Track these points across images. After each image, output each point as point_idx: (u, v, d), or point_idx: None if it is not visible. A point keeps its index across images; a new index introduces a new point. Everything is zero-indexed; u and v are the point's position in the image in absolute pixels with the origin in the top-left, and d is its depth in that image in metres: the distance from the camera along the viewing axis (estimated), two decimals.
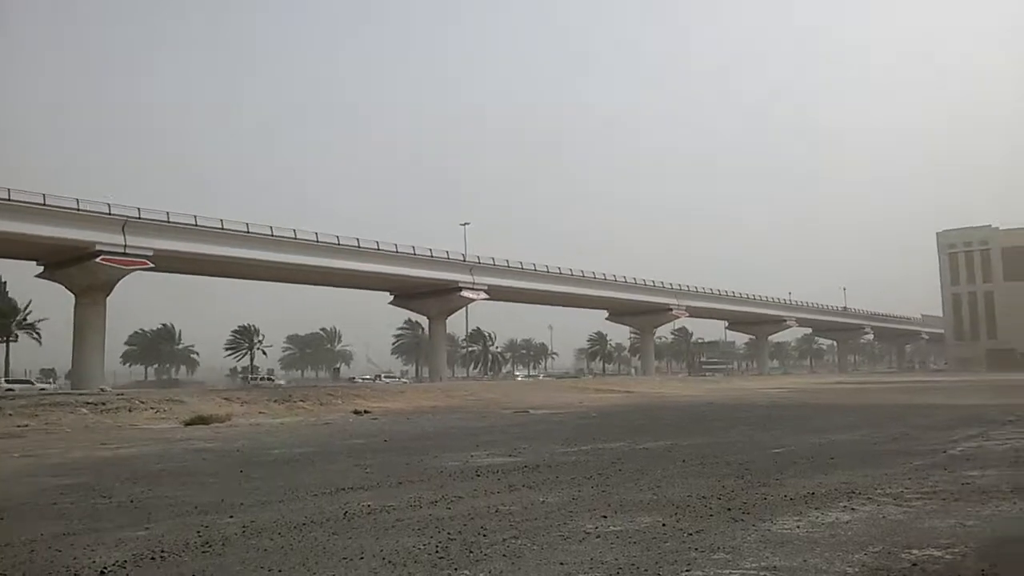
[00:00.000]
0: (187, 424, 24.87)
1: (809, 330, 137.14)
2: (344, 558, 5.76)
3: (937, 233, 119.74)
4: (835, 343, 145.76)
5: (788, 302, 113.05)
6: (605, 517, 7.21)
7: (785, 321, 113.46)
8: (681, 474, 10.16)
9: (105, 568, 5.58)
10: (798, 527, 6.69)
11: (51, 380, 70.58)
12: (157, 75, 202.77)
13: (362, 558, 5.76)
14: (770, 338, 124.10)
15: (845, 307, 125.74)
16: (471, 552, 5.90)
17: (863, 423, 19.37)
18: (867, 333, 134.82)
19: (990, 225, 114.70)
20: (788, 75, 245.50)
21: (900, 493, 8.34)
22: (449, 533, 6.61)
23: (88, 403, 28.28)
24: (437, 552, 5.91)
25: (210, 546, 6.27)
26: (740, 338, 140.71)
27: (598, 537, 6.38)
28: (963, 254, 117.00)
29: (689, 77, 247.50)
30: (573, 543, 6.20)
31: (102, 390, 38.61)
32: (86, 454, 14.65)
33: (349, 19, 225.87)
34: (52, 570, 5.62)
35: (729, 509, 7.51)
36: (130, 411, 27.73)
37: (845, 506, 7.65)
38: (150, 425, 24.48)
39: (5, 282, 66.68)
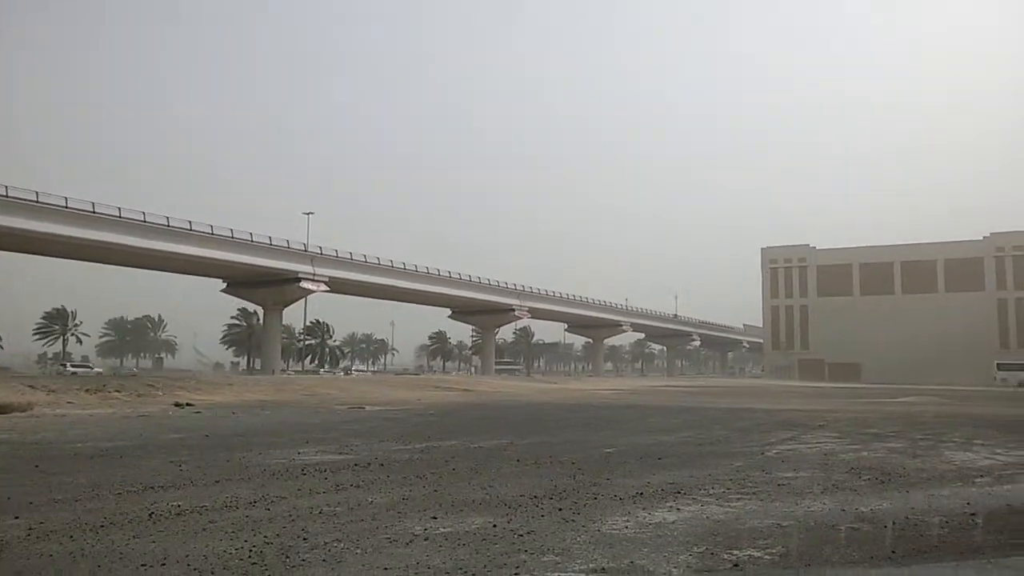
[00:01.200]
0: None
1: (643, 335, 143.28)
2: (143, 564, 5.18)
3: (762, 249, 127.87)
4: (665, 348, 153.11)
5: (625, 307, 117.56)
6: (435, 518, 6.95)
7: (621, 326, 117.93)
8: (515, 473, 10.07)
9: None
10: (626, 527, 6.70)
11: None
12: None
13: (164, 564, 5.20)
14: (606, 341, 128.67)
15: (676, 314, 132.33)
16: (288, 557, 5.47)
17: (689, 425, 20.19)
18: (695, 340, 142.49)
19: (808, 244, 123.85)
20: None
21: (722, 493, 8.60)
22: (266, 537, 6.13)
23: None
24: (251, 558, 5.43)
25: None
26: (579, 340, 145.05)
27: (426, 539, 6.11)
28: (783, 270, 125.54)
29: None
30: (400, 546, 5.90)
31: None
32: None
33: None
34: None
35: (560, 509, 7.45)
36: None
37: (671, 506, 7.77)
38: None
39: None
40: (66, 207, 49.75)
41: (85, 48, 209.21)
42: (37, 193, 48.65)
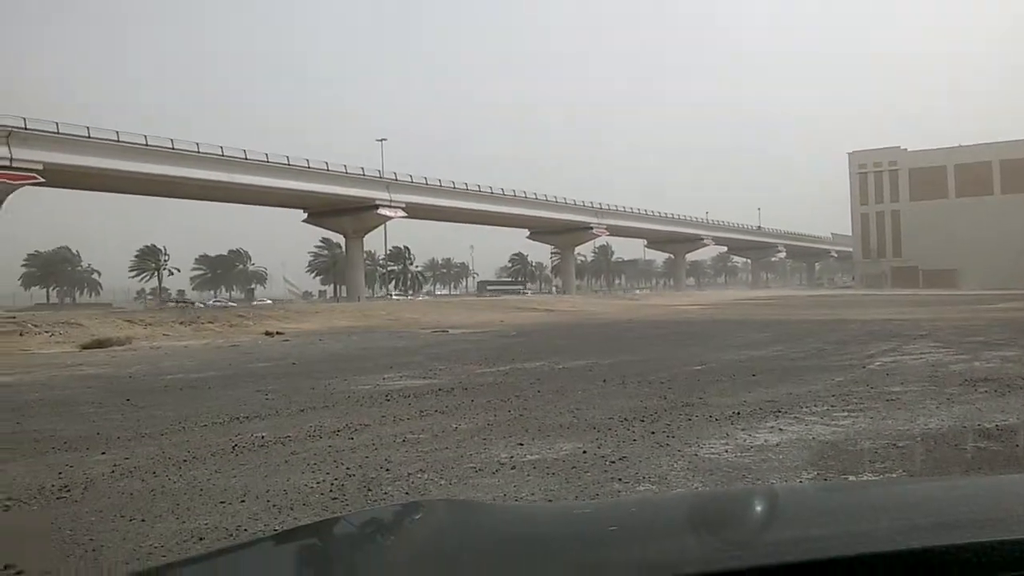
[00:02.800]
0: (83, 348, 23.41)
1: (725, 249, 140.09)
2: (222, 502, 5.02)
3: (848, 153, 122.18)
4: (749, 261, 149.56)
5: (705, 221, 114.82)
6: (521, 444, 6.64)
7: (702, 240, 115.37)
8: (602, 395, 9.71)
9: None
10: (726, 451, 6.26)
11: None
12: None
13: (243, 501, 5.03)
14: (687, 256, 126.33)
15: (759, 226, 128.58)
16: (369, 491, 5.24)
17: (780, 338, 19.46)
18: (780, 252, 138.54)
19: (899, 147, 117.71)
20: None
21: (826, 411, 8.05)
22: (348, 468, 5.93)
23: None
24: (331, 492, 5.22)
25: (68, 491, 5.43)
26: (659, 256, 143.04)
27: (513, 468, 5.80)
28: (872, 175, 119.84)
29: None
30: (485, 476, 5.61)
31: None
32: None
33: None
34: None
35: (653, 432, 7.05)
36: (21, 335, 26.01)
37: (773, 426, 7.28)
38: (43, 350, 22.95)
39: None
40: (146, 145, 50.84)
41: None
42: (118, 133, 49.80)
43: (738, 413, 7.99)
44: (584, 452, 6.26)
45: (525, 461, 6.04)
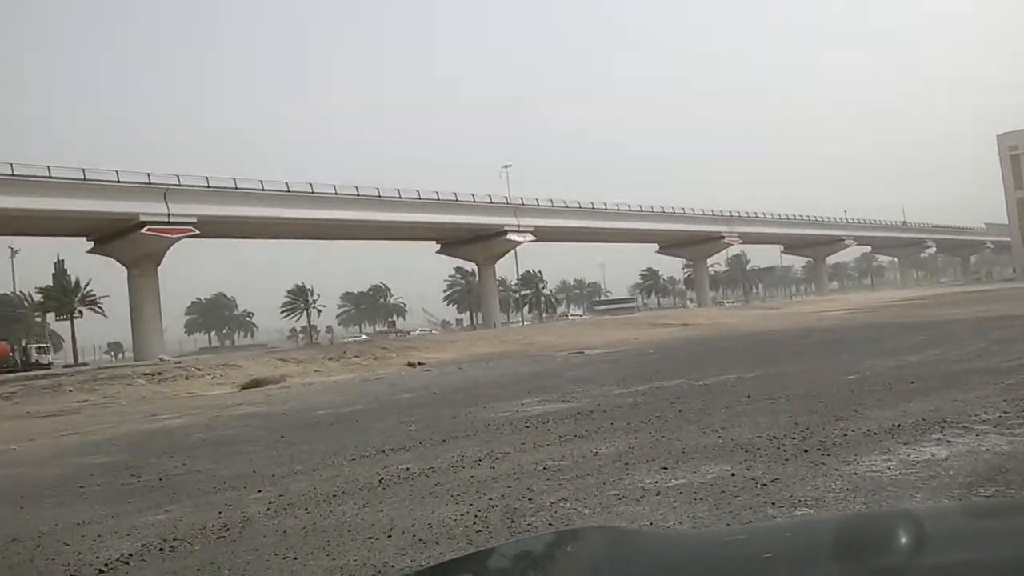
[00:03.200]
0: (242, 388, 24.84)
1: (868, 248, 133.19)
2: (370, 537, 5.11)
3: (997, 136, 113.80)
4: (896, 259, 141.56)
5: (845, 221, 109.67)
6: (665, 468, 6.44)
7: (843, 240, 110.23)
8: (748, 412, 9.31)
9: (107, 564, 5.04)
10: (889, 467, 5.83)
11: (119, 354, 72.24)
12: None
13: (390, 536, 5.10)
14: (828, 259, 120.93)
15: (904, 221, 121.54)
16: (512, 522, 5.20)
17: (937, 340, 18.18)
18: (929, 247, 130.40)
19: None
20: None
21: (1000, 419, 7.38)
22: (491, 499, 5.92)
23: (145, 374, 28.49)
24: (475, 524, 5.22)
25: (227, 530, 5.69)
26: (798, 261, 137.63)
27: (658, 494, 5.62)
28: None
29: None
30: (630, 503, 5.46)
31: (161, 360, 39.10)
32: (133, 428, 14.40)
33: None
34: (51, 570, 5.09)
35: (806, 451, 6.67)
36: (187, 379, 27.88)
37: (939, 438, 6.74)
38: (205, 392, 24.50)
39: (63, 260, 67.99)
40: (288, 191, 53.81)
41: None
42: (262, 182, 52.96)
43: (899, 425, 7.46)
44: (732, 475, 5.99)
45: (670, 486, 5.84)
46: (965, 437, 6.72)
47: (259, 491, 7.05)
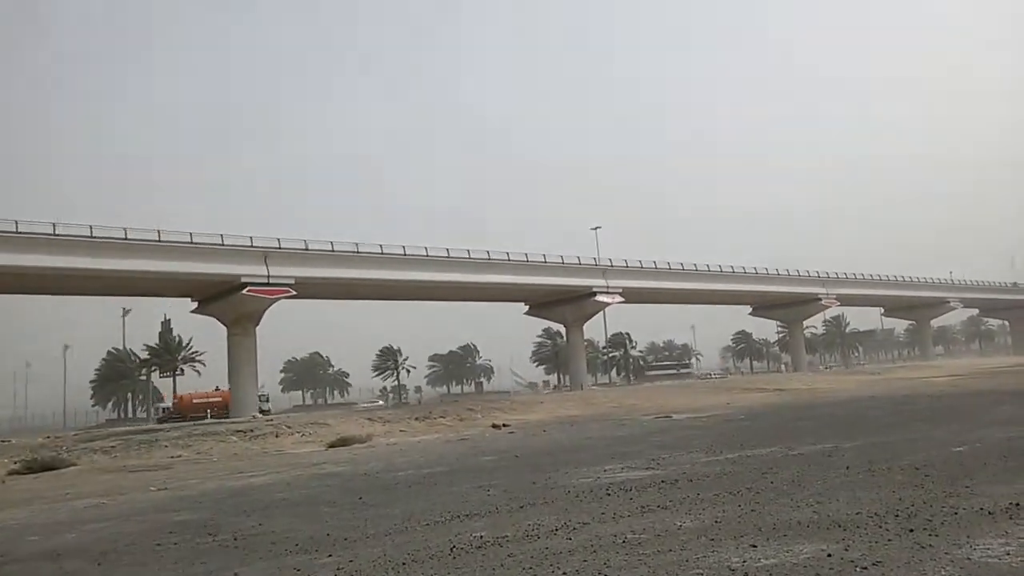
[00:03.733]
0: (329, 447, 25.09)
1: (975, 311, 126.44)
2: None
3: None
4: (1007, 323, 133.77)
5: (950, 282, 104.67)
6: (754, 547, 5.99)
7: (948, 303, 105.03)
8: (846, 485, 8.69)
9: None
10: (1008, 553, 5.25)
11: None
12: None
13: None
14: (932, 322, 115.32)
15: (1016, 283, 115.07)
16: None
17: None
18: None
19: None
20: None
21: None
22: (564, 573, 5.61)
23: (238, 431, 29.16)
24: None
25: None
26: (899, 324, 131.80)
27: (746, 575, 5.20)
28: None
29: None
30: None
31: (254, 417, 40.04)
32: (218, 484, 14.60)
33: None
34: None
35: (911, 530, 6.11)
36: (276, 436, 28.37)
37: None
38: (295, 449, 24.81)
39: (170, 319, 71.19)
40: (382, 253, 55.12)
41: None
42: (357, 245, 54.46)
43: (1017, 505, 6.78)
44: (829, 556, 5.51)
45: (760, 566, 5.40)
46: None
47: (329, 555, 6.91)
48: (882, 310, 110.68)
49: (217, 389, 59.90)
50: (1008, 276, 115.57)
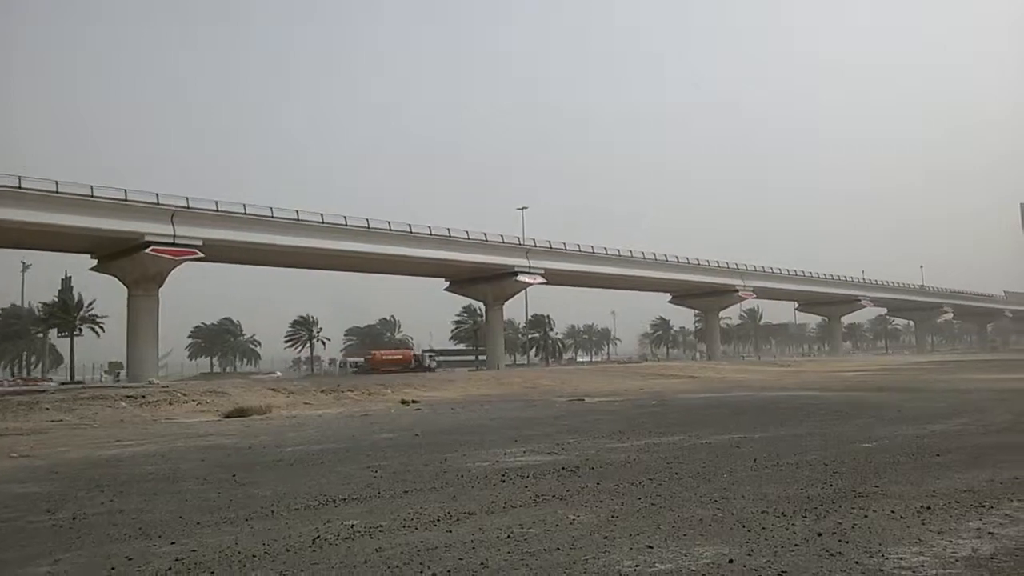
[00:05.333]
0: (225, 417, 23.84)
1: (884, 310, 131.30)
2: None
3: (1021, 204, 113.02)
4: (912, 323, 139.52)
5: (862, 281, 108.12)
6: (651, 547, 5.37)
7: (859, 300, 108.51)
8: (752, 479, 8.21)
9: None
10: (922, 564, 4.75)
11: (118, 375, 71.22)
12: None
13: None
14: (843, 319, 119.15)
15: (922, 285, 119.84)
16: None
17: (961, 408, 17.02)
18: (946, 312, 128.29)
19: None
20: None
21: None
22: (435, 572, 4.87)
23: (128, 396, 27.50)
24: None
25: None
26: (812, 319, 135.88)
27: None
28: None
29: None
30: None
31: (150, 382, 38.15)
32: (87, 454, 13.36)
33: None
34: None
35: (819, 533, 5.59)
36: (170, 404, 26.88)
37: (978, 528, 5.66)
38: (187, 419, 23.46)
39: (70, 277, 67.47)
40: (298, 220, 53.13)
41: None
42: (272, 209, 52.36)
43: (928, 508, 6.37)
44: (731, 562, 4.92)
45: (654, 572, 4.77)
46: (1010, 528, 5.65)
47: (173, 542, 6.00)
48: (796, 305, 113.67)
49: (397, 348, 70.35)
50: (916, 279, 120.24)
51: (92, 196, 43.86)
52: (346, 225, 56.02)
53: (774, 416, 17.20)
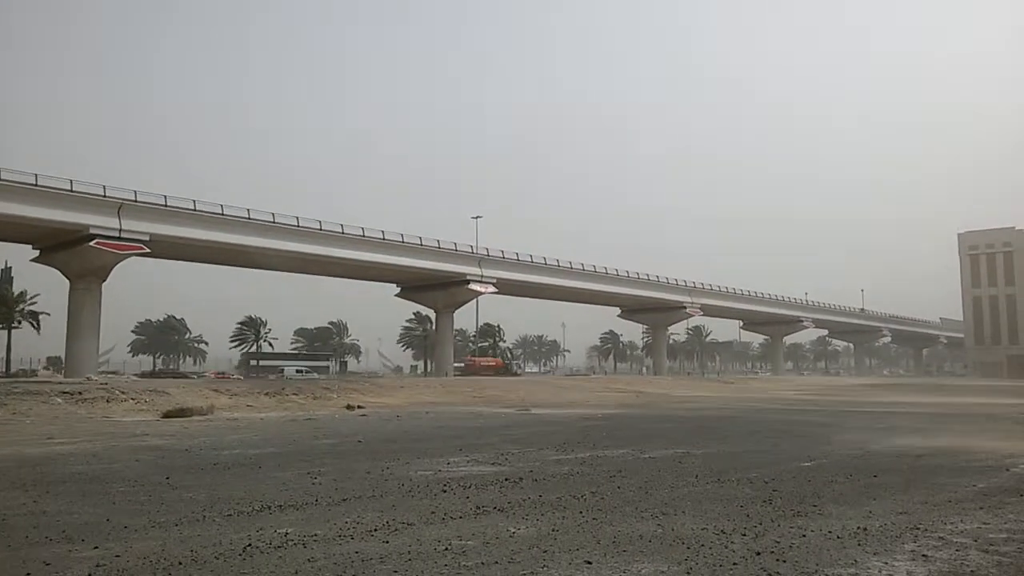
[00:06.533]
0: (164, 417, 23.23)
1: (825, 332, 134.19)
2: None
3: (959, 234, 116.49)
4: (851, 345, 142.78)
5: (804, 302, 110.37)
6: (589, 563, 5.31)
7: (801, 322, 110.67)
8: (693, 495, 8.23)
9: None
10: None
11: (58, 370, 69.00)
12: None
13: None
14: (785, 339, 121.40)
15: (863, 308, 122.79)
16: None
17: (897, 429, 17.37)
18: (884, 336, 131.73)
19: (1014, 227, 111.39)
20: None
21: (979, 531, 6.39)
22: None
23: (64, 392, 26.61)
24: None
25: None
26: (756, 338, 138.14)
27: None
28: (985, 256, 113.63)
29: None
30: None
31: (89, 379, 37.01)
32: (14, 451, 12.85)
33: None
34: None
35: (758, 553, 5.59)
36: (108, 402, 26.10)
37: (913, 551, 5.72)
38: (124, 417, 22.81)
39: (10, 267, 65.28)
40: (248, 218, 52.18)
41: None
42: (222, 206, 51.40)
43: (865, 529, 6.43)
44: None
45: None
46: (944, 551, 5.72)
47: (96, 547, 5.76)
48: (741, 323, 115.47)
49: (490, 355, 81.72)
50: (857, 303, 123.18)
51: (36, 185, 42.52)
52: (298, 226, 55.26)
53: (717, 432, 17.36)
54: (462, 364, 77.73)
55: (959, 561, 5.41)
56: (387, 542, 5.97)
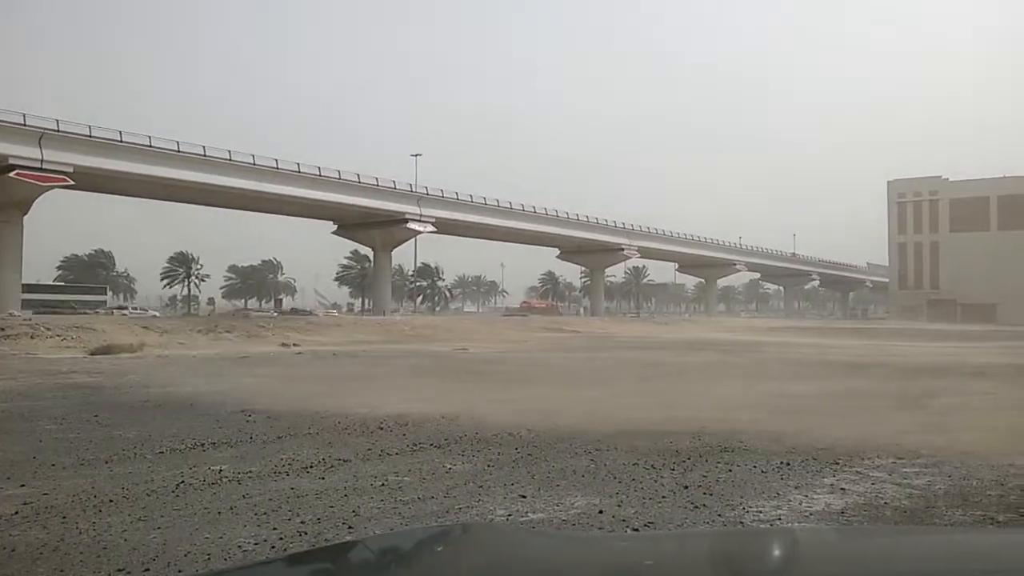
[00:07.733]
0: (92, 354, 22.67)
1: (758, 275, 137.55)
2: (119, 569, 3.85)
3: (888, 182, 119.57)
4: (782, 288, 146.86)
5: (738, 246, 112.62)
6: (523, 497, 5.43)
7: (735, 265, 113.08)
8: (629, 432, 8.44)
9: None
10: (779, 518, 5.00)
11: None
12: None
13: (146, 570, 3.86)
14: (719, 282, 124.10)
15: (794, 253, 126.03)
16: None
17: (830, 373, 18.04)
18: (813, 280, 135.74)
19: (940, 176, 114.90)
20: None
21: (892, 465, 6.72)
22: (303, 520, 4.77)
23: None
24: (267, 557, 4.04)
25: None
26: (690, 281, 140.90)
27: None
28: (912, 204, 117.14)
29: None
30: None
31: (11, 314, 35.78)
32: None
33: None
34: None
35: (686, 487, 5.78)
36: (32, 338, 25.38)
37: (832, 484, 5.99)
38: (50, 355, 22.22)
39: None
40: (178, 151, 50.47)
41: None
42: (150, 138, 49.56)
43: (787, 464, 6.70)
44: (600, 512, 5.03)
45: (526, 521, 4.83)
46: (860, 485, 5.98)
47: (22, 485, 5.65)
48: (676, 266, 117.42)
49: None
50: (789, 247, 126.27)
51: None
52: (230, 160, 53.65)
53: (656, 371, 17.75)
54: (517, 306, 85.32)
55: (875, 493, 5.69)
56: (323, 478, 5.99)
